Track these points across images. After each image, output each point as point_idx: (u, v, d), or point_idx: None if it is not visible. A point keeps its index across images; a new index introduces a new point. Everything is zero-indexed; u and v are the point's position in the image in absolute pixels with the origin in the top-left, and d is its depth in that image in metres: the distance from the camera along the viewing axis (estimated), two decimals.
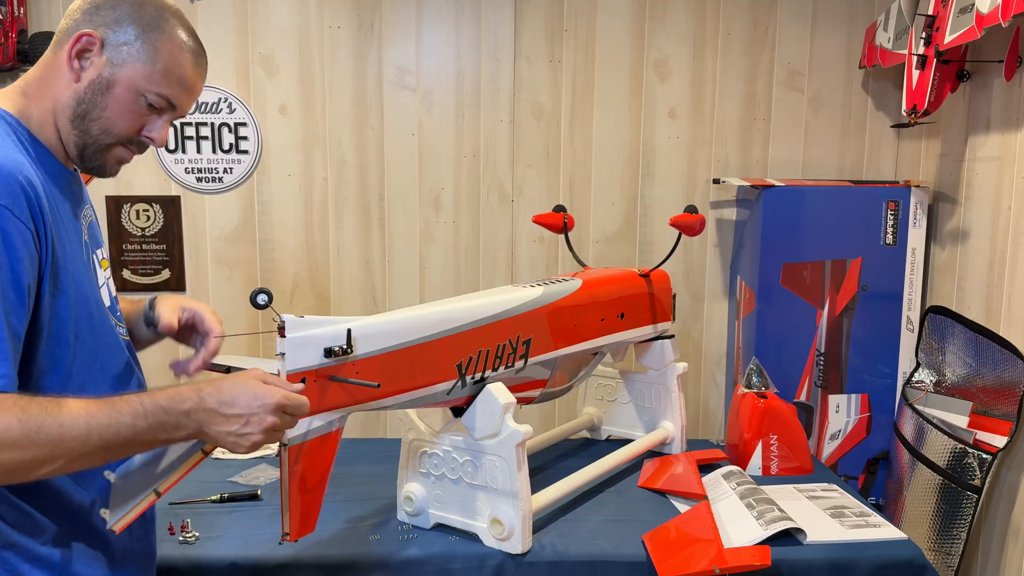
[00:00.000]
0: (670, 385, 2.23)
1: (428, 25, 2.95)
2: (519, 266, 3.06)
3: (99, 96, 1.21)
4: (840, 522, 1.81)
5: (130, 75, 1.21)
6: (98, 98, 1.21)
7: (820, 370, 2.76)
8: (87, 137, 1.23)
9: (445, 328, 1.60)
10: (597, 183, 3.04)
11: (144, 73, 1.22)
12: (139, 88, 1.22)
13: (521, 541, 1.64)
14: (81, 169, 1.28)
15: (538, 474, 2.07)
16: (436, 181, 3.01)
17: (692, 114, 3.01)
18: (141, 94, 1.23)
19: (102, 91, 1.21)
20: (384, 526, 1.79)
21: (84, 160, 1.25)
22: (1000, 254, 2.28)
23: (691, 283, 3.10)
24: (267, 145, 2.96)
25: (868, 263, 2.71)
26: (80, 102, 1.21)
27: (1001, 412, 2.20)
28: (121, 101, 1.22)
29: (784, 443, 2.14)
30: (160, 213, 2.95)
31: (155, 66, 1.22)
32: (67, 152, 1.24)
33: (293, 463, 1.38)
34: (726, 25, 2.97)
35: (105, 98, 1.21)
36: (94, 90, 1.21)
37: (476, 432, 1.66)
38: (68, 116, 1.21)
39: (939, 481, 2.33)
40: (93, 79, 1.21)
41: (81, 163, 1.26)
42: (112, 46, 1.21)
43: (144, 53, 1.22)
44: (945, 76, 2.37)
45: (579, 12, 2.95)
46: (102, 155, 1.26)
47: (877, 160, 3.04)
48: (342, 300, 3.04)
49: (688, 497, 1.93)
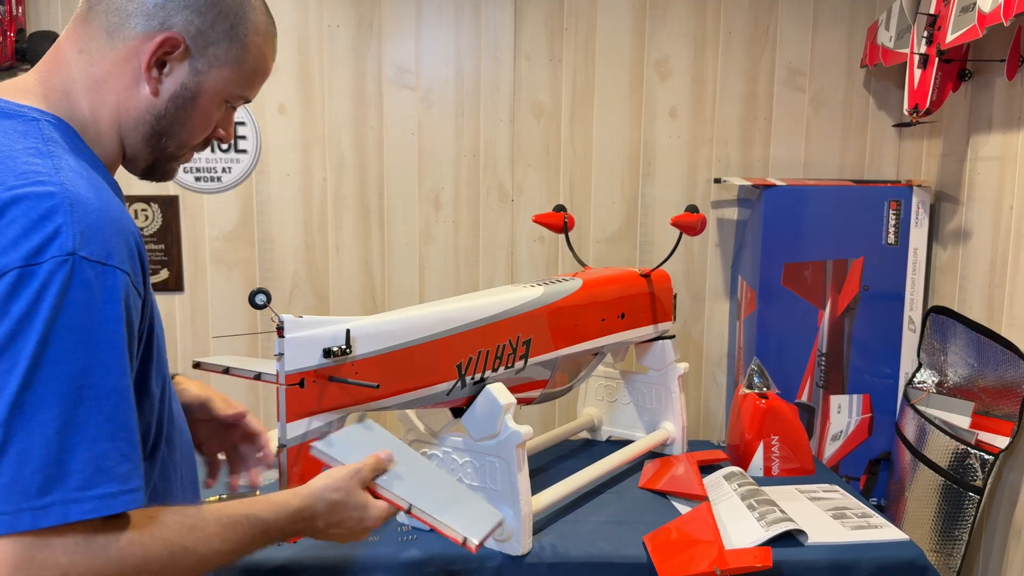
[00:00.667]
0: (671, 386, 2.22)
1: (428, 24, 2.94)
2: (519, 266, 3.05)
3: (182, 111, 1.03)
4: (842, 523, 1.80)
5: (216, 82, 1.03)
6: (181, 113, 1.03)
7: (821, 370, 2.75)
8: (163, 153, 1.06)
9: (444, 328, 1.59)
10: (597, 183, 3.03)
11: (232, 78, 1.04)
12: (226, 94, 1.06)
13: (521, 542, 1.63)
14: (142, 177, 1.11)
15: (538, 475, 2.06)
16: (436, 180, 3.00)
17: (693, 113, 3.00)
18: (226, 100, 1.07)
19: (186, 105, 1.03)
20: (383, 527, 1.78)
21: (149, 171, 1.09)
22: (1002, 254, 2.28)
23: (692, 283, 3.09)
24: (266, 144, 2.95)
25: (870, 263, 2.70)
26: (160, 119, 1.02)
27: (1003, 413, 2.19)
28: (205, 112, 1.05)
29: (785, 444, 2.13)
30: (158, 213, 2.94)
31: (243, 66, 1.05)
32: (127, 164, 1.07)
33: (292, 464, 1.37)
34: (727, 24, 2.97)
35: (189, 112, 1.03)
36: (177, 104, 1.02)
37: (476, 433, 1.65)
38: (144, 133, 1.02)
39: (941, 482, 2.32)
40: (175, 92, 1.02)
41: (144, 173, 1.09)
42: (198, 48, 1.01)
43: (233, 54, 1.03)
44: (947, 75, 2.36)
45: (579, 11, 2.95)
46: (172, 166, 1.10)
47: (879, 160, 3.03)
48: (341, 300, 3.03)
49: (689, 498, 1.92)
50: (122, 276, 0.86)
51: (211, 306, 3.00)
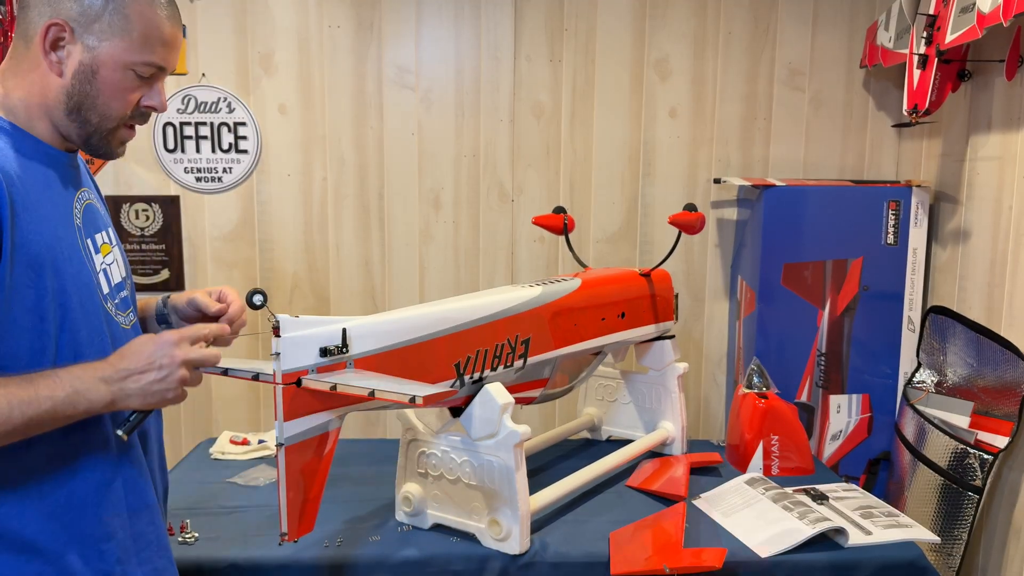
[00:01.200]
0: (671, 385, 2.22)
1: (428, 24, 2.94)
2: (519, 266, 3.05)
3: (87, 85, 1.18)
4: (872, 522, 1.79)
5: (111, 53, 1.17)
6: (87, 87, 1.18)
7: (821, 370, 2.75)
8: (88, 127, 1.21)
9: (442, 328, 1.60)
10: (597, 183, 3.03)
11: (124, 47, 1.18)
12: (124, 63, 1.18)
13: (519, 542, 1.64)
14: (89, 154, 1.26)
15: (538, 474, 2.07)
16: (436, 180, 3.00)
17: (693, 113, 3.00)
18: (128, 69, 1.19)
19: (89, 79, 1.18)
20: (383, 526, 1.78)
21: (91, 148, 1.23)
22: (1001, 254, 2.28)
23: (692, 283, 3.09)
24: (266, 144, 2.96)
25: (869, 263, 2.70)
26: (70, 96, 1.18)
27: (1002, 412, 2.19)
28: (110, 83, 1.19)
29: (785, 444, 2.13)
30: (159, 213, 2.95)
31: (132, 35, 1.18)
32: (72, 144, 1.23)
33: (291, 463, 1.38)
34: (727, 24, 2.97)
35: (94, 85, 1.18)
36: (81, 80, 1.18)
37: (474, 432, 1.66)
38: (63, 111, 1.19)
39: (940, 482, 2.32)
40: (76, 69, 1.17)
41: (88, 151, 1.24)
42: (82, 27, 1.16)
43: (117, 25, 1.17)
44: (946, 76, 2.36)
45: (579, 11, 2.95)
46: (108, 140, 1.24)
47: (878, 160, 3.03)
48: (341, 300, 3.04)
49: (670, 498, 1.92)
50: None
51: None
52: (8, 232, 1.09)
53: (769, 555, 1.67)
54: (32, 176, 1.16)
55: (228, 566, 1.61)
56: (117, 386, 1.14)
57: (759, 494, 1.92)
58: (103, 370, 1.14)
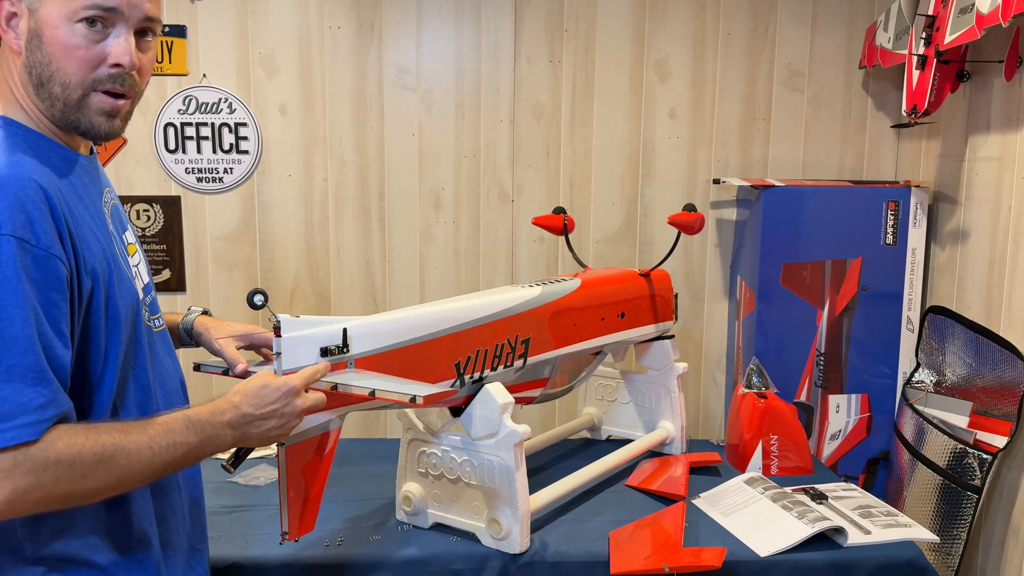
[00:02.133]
0: (670, 385, 2.23)
1: (428, 25, 2.95)
2: (519, 266, 3.06)
3: (38, 52, 1.07)
4: (871, 522, 1.80)
5: (49, 9, 1.05)
6: (38, 54, 1.07)
7: (820, 370, 2.76)
8: (56, 101, 1.09)
9: (442, 328, 1.60)
10: (597, 183, 3.04)
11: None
12: (63, 14, 1.05)
13: (519, 541, 1.64)
14: (78, 134, 1.15)
15: (538, 474, 2.07)
16: (436, 181, 3.01)
17: (692, 114, 3.01)
18: (71, 21, 1.06)
19: (38, 44, 1.06)
20: (383, 526, 1.79)
21: (71, 125, 1.12)
22: (1000, 254, 2.28)
23: (691, 283, 3.10)
24: (267, 145, 2.96)
25: (868, 263, 2.71)
26: (30, 70, 1.08)
27: (1001, 412, 2.20)
28: (57, 41, 1.06)
29: (784, 443, 2.14)
30: (160, 213, 2.96)
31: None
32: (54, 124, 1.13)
33: (292, 463, 1.38)
34: (726, 25, 2.97)
35: (43, 50, 1.06)
36: (32, 48, 1.07)
37: (474, 432, 1.66)
38: (32, 92, 1.09)
39: (939, 481, 2.33)
40: (27, 38, 1.07)
41: (73, 130, 1.13)
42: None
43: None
44: (945, 76, 2.37)
45: (579, 12, 2.95)
46: (80, 113, 1.10)
47: (877, 160, 3.04)
48: (342, 300, 3.04)
49: (669, 497, 1.93)
50: (10, 241, 0.97)
51: (213, 307, 3.00)
52: (71, 255, 1.05)
53: (768, 554, 1.68)
54: (68, 187, 1.11)
55: (229, 565, 1.61)
56: (241, 431, 1.18)
57: (758, 494, 1.92)
58: (228, 414, 1.16)
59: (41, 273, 1.00)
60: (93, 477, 1.03)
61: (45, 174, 1.06)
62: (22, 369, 0.97)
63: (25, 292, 0.98)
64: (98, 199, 1.19)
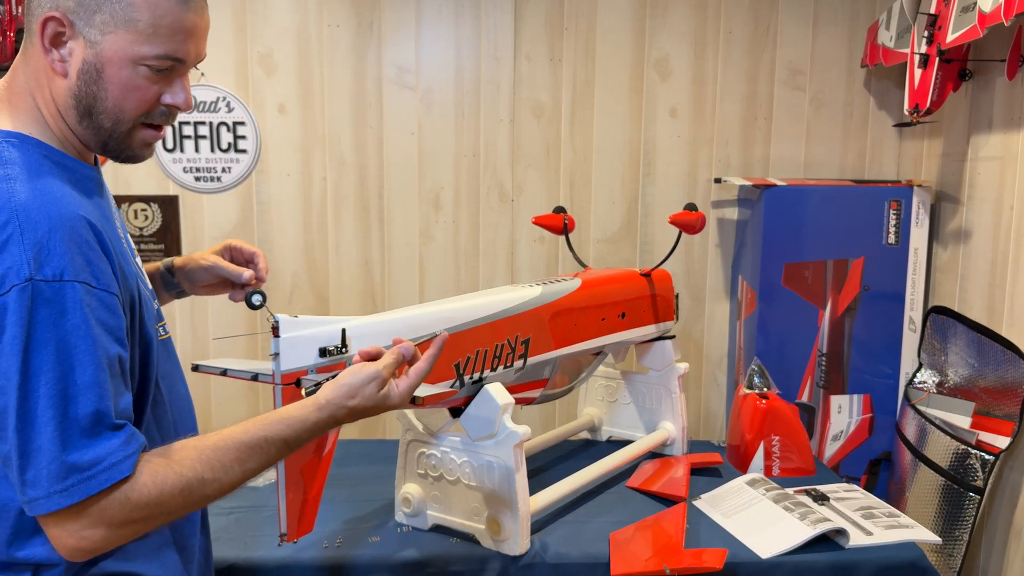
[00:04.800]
0: (671, 386, 2.22)
1: (428, 24, 2.94)
2: (519, 266, 3.05)
3: (94, 86, 1.04)
4: (873, 523, 1.79)
5: (116, 47, 1.03)
6: (93, 88, 1.04)
7: (822, 371, 2.75)
8: (102, 132, 1.08)
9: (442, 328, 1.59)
10: (597, 183, 3.02)
11: (130, 39, 1.03)
12: (132, 58, 1.04)
13: (519, 542, 1.63)
14: (109, 159, 1.15)
15: (538, 475, 2.06)
16: (436, 180, 3.00)
17: (693, 113, 3.00)
18: (138, 64, 1.04)
19: (95, 78, 1.04)
20: (382, 527, 1.78)
21: (110, 153, 1.12)
22: (1002, 254, 2.27)
23: (692, 283, 3.09)
24: (266, 144, 2.95)
25: (870, 263, 2.70)
26: (79, 99, 1.05)
27: (1003, 413, 2.19)
28: (119, 82, 1.04)
29: (786, 444, 2.13)
30: (158, 213, 2.94)
31: (139, 24, 1.03)
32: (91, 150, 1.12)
33: (291, 464, 1.37)
34: (727, 24, 2.96)
35: (101, 86, 1.04)
36: (87, 80, 1.04)
37: (474, 433, 1.65)
38: (74, 117, 1.07)
39: (941, 482, 2.32)
40: (80, 68, 1.04)
41: (109, 156, 1.13)
42: (82, 20, 1.02)
43: (120, 15, 1.02)
44: (947, 75, 2.36)
45: (579, 10, 2.94)
46: (126, 144, 1.11)
47: (879, 159, 3.03)
48: (341, 300, 3.03)
49: (670, 498, 1.92)
50: (77, 287, 0.97)
51: (210, 307, 3.00)
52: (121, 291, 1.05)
53: (770, 556, 1.67)
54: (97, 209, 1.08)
55: (227, 567, 1.61)
56: (345, 421, 1.18)
57: (760, 495, 1.91)
58: (338, 412, 1.16)
59: (106, 314, 1.00)
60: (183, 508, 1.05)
61: (84, 204, 1.04)
62: (99, 415, 0.98)
63: (96, 338, 0.98)
64: (113, 213, 1.17)
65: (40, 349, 0.95)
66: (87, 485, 0.96)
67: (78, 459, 0.96)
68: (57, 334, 0.96)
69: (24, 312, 0.94)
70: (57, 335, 0.96)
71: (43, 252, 0.95)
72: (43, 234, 0.96)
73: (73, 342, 0.96)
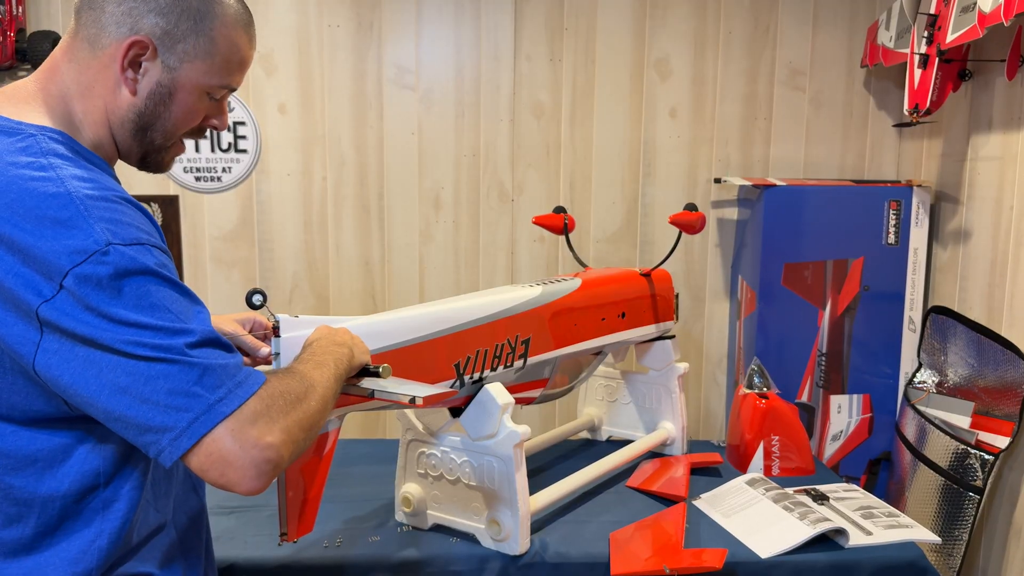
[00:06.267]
0: (671, 386, 2.22)
1: (428, 24, 2.94)
2: (519, 266, 3.05)
3: (161, 106, 1.11)
4: (873, 523, 1.79)
5: (191, 76, 1.11)
6: (160, 108, 1.11)
7: (822, 370, 2.75)
8: (150, 147, 1.15)
9: (442, 328, 1.59)
10: (597, 183, 3.03)
11: (205, 70, 1.11)
12: (203, 87, 1.12)
13: (519, 542, 1.63)
14: (138, 168, 1.20)
15: (538, 475, 2.06)
16: (436, 180, 3.00)
17: (693, 113, 3.00)
18: (205, 91, 1.13)
19: (164, 100, 1.11)
20: (382, 527, 1.78)
21: (147, 165, 1.18)
22: (1002, 254, 2.27)
23: (692, 283, 3.09)
24: (266, 144, 2.95)
25: (870, 263, 2.70)
26: (141, 115, 1.11)
27: (1003, 413, 2.19)
28: (185, 105, 1.13)
29: (785, 444, 2.13)
30: (158, 212, 2.95)
31: (215, 58, 1.11)
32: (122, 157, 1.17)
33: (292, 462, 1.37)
34: (727, 24, 2.96)
35: (168, 106, 1.12)
36: (156, 101, 1.11)
37: (474, 433, 1.65)
38: (130, 130, 1.12)
39: (941, 482, 2.32)
40: (152, 89, 1.10)
41: (142, 167, 1.19)
42: (165, 47, 1.08)
43: (201, 47, 1.10)
44: (947, 75, 2.36)
45: (580, 11, 2.94)
46: (164, 158, 1.18)
47: (879, 159, 3.03)
48: (341, 300, 3.03)
49: (670, 498, 1.92)
50: (152, 249, 1.00)
51: (211, 306, 2.98)
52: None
53: (769, 555, 1.67)
54: None
55: (228, 566, 1.61)
56: (335, 348, 1.22)
57: (759, 494, 1.91)
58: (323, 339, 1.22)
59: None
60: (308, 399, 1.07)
61: (147, 222, 1.08)
62: (216, 341, 1.01)
63: (186, 289, 1.03)
64: None
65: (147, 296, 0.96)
66: (250, 382, 0.99)
67: (227, 362, 0.99)
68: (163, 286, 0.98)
69: (116, 274, 0.95)
70: (163, 286, 0.98)
71: (112, 223, 0.97)
72: (104, 208, 0.98)
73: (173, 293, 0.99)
